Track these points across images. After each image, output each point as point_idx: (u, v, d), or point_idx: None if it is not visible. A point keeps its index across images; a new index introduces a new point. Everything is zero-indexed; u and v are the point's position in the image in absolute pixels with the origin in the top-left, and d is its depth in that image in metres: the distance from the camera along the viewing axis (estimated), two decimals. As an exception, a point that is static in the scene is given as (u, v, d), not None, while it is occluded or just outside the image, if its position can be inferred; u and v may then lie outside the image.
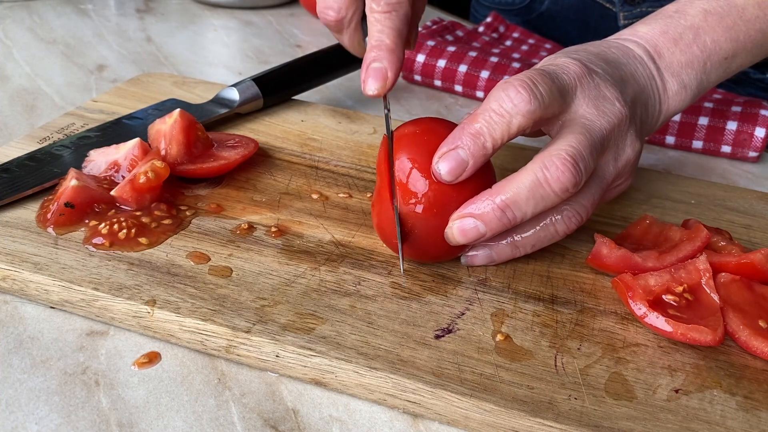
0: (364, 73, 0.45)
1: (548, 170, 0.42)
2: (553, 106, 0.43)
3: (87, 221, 0.48)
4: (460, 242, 0.44)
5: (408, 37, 0.46)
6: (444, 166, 0.42)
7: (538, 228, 0.46)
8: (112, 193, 0.49)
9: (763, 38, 0.53)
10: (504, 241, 0.46)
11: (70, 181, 0.49)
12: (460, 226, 0.43)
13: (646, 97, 0.50)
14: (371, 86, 0.44)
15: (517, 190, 0.42)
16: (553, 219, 0.45)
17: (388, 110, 0.47)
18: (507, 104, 0.42)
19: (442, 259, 0.48)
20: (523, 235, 0.46)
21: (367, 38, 0.47)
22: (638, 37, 0.52)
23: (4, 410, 0.38)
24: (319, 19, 0.49)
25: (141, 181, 0.48)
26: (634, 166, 0.49)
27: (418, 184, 0.44)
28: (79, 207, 0.47)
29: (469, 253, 0.47)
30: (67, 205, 0.47)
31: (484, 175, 0.45)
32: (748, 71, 0.86)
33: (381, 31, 0.44)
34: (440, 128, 0.45)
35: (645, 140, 0.51)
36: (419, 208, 0.44)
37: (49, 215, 0.48)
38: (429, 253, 0.47)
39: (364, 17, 0.47)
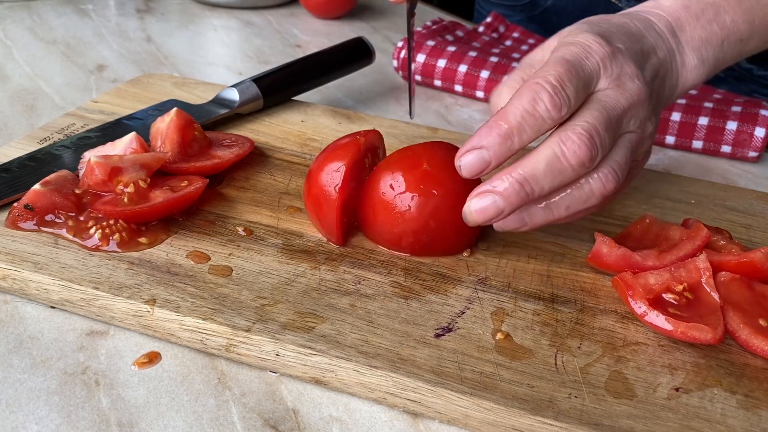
0: None
1: (565, 144, 0.42)
2: (578, 103, 0.44)
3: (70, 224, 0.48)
4: (478, 221, 0.44)
5: None
6: (466, 163, 0.43)
7: (573, 188, 0.44)
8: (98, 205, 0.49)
9: None
10: (538, 204, 0.45)
11: (35, 185, 0.49)
12: (479, 202, 0.43)
13: (665, 71, 0.51)
14: None
15: (535, 164, 0.43)
16: (589, 178, 0.44)
17: (413, 14, 0.55)
18: (541, 107, 0.42)
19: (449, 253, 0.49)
20: (557, 197, 0.45)
21: None
22: (661, 9, 0.52)
23: (4, 410, 0.38)
24: None
25: (125, 201, 0.48)
26: (651, 138, 0.49)
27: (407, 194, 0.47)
28: (39, 211, 0.48)
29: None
30: (26, 207, 0.48)
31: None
32: (752, 68, 0.86)
33: None
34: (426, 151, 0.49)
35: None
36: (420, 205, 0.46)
37: (9, 214, 0.48)
38: (437, 247, 0.48)
39: None
